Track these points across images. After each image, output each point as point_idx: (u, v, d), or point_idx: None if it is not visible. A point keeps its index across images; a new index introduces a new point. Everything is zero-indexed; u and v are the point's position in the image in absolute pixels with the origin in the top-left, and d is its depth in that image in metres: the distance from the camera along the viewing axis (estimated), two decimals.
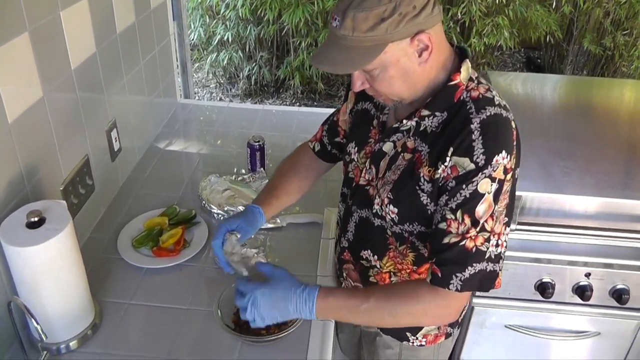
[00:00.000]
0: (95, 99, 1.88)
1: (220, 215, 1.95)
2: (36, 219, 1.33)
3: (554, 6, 5.12)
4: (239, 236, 1.53)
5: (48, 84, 1.56)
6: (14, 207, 1.40)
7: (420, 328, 1.58)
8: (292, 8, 4.61)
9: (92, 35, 1.81)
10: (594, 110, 2.58)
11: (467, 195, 1.24)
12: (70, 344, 1.46)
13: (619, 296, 2.00)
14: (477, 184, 1.23)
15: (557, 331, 2.14)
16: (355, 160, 1.51)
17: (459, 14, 4.65)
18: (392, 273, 1.50)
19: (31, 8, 1.45)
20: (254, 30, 5.06)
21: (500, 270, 1.31)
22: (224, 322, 1.49)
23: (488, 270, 1.28)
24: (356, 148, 1.52)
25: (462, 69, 1.32)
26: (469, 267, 1.26)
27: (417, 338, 1.60)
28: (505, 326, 2.14)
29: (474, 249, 1.26)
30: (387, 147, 1.41)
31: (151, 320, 1.58)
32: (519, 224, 1.97)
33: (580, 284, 2.01)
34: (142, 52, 2.26)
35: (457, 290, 1.27)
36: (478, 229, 1.25)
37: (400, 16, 1.17)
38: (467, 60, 1.35)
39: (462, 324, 2.13)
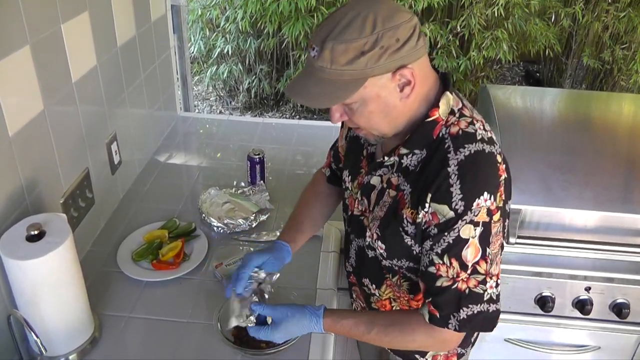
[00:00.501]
0: (96, 112, 1.89)
1: (220, 229, 1.95)
2: (36, 232, 1.33)
3: (553, 20, 5.14)
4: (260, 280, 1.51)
5: (49, 97, 1.56)
6: (14, 220, 1.40)
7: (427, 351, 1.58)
8: (292, 21, 4.62)
9: (93, 48, 1.82)
10: (593, 124, 2.58)
11: (451, 242, 1.21)
12: (70, 357, 1.46)
13: (619, 310, 1.99)
14: (459, 230, 1.20)
15: (557, 345, 2.13)
16: (350, 189, 1.50)
17: (459, 27, 4.67)
18: (391, 299, 1.49)
19: (32, 21, 1.45)
20: (254, 43, 5.07)
21: (500, 307, 1.29)
22: (224, 336, 1.49)
23: (490, 310, 1.26)
24: (350, 177, 1.50)
25: (440, 103, 1.25)
26: (464, 309, 1.24)
27: (425, 359, 1.58)
28: (505, 340, 2.13)
29: (467, 291, 1.23)
30: (375, 180, 1.38)
31: (151, 334, 1.57)
32: (519, 237, 1.97)
33: (581, 298, 2.00)
34: (143, 65, 2.26)
35: (455, 330, 1.26)
36: (469, 271, 1.22)
37: (382, 50, 1.12)
38: (447, 92, 1.27)
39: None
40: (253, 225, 1.98)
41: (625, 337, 2.08)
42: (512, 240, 1.92)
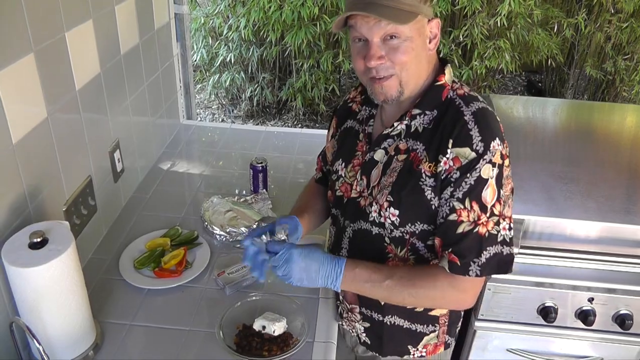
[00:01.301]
0: (99, 120, 1.89)
1: (222, 237, 1.95)
2: (39, 239, 1.33)
3: (555, 30, 5.15)
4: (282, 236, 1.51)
5: (52, 105, 1.57)
6: (17, 227, 1.41)
7: (421, 339, 1.59)
8: (294, 30, 4.64)
9: (96, 56, 1.83)
10: (595, 134, 2.58)
11: (472, 183, 1.30)
12: None
13: (622, 321, 1.98)
14: (480, 170, 1.29)
15: (559, 356, 2.12)
16: (343, 175, 1.54)
17: (461, 36, 4.68)
18: None
19: (37, 29, 1.46)
20: (257, 52, 5.09)
21: (514, 253, 1.37)
22: (226, 343, 1.49)
23: (504, 253, 1.35)
24: (343, 164, 1.55)
25: (446, 71, 1.42)
26: (484, 252, 1.32)
27: (417, 349, 1.61)
28: (508, 350, 2.12)
29: (486, 234, 1.31)
30: (379, 155, 1.45)
31: (152, 341, 1.57)
32: (522, 247, 1.96)
33: (583, 308, 1.99)
34: (146, 73, 2.27)
35: (476, 275, 1.33)
36: (488, 214, 1.31)
37: None
38: (449, 65, 1.45)
39: (464, 343, 2.12)
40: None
41: (628, 348, 2.07)
42: (514, 250, 1.91)
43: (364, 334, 1.64)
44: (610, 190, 2.08)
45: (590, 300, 1.98)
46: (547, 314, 1.99)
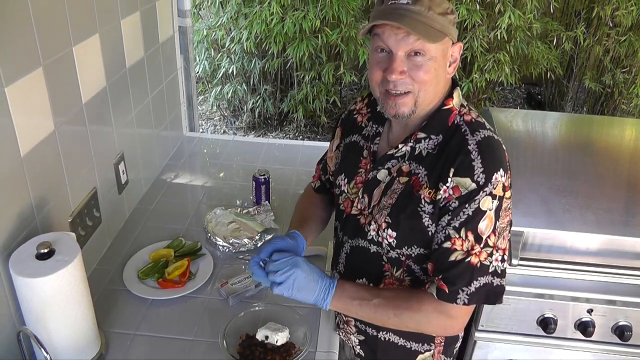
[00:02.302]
0: (104, 132, 1.92)
1: (225, 248, 1.97)
2: (46, 250, 1.35)
3: (554, 43, 5.19)
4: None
5: (59, 118, 1.59)
6: (24, 238, 1.43)
7: (415, 357, 1.59)
8: (296, 42, 4.67)
9: (102, 70, 1.86)
10: (594, 148, 2.61)
11: (470, 214, 1.29)
12: None
13: (622, 333, 2.00)
14: (479, 201, 1.29)
15: None
16: (346, 191, 1.54)
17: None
18: None
19: (45, 44, 1.49)
20: (259, 64, 5.12)
21: (505, 285, 1.37)
22: (229, 353, 1.51)
23: (495, 284, 1.34)
24: (346, 179, 1.55)
25: (454, 95, 1.41)
26: (475, 282, 1.32)
27: None
28: None
29: (478, 264, 1.31)
30: (382, 174, 1.45)
31: (156, 351, 1.59)
32: (521, 259, 1.98)
33: (583, 320, 2.01)
34: (150, 86, 2.30)
35: (464, 304, 1.33)
36: (482, 244, 1.30)
37: (454, 18, 1.32)
38: (458, 87, 1.43)
39: (464, 354, 2.14)
40: (258, 245, 2.00)
41: (627, 359, 2.09)
42: (514, 262, 1.93)
43: (359, 347, 1.65)
44: (609, 203, 2.10)
45: (590, 311, 2.00)
46: (546, 325, 2.00)
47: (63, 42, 1.60)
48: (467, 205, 1.29)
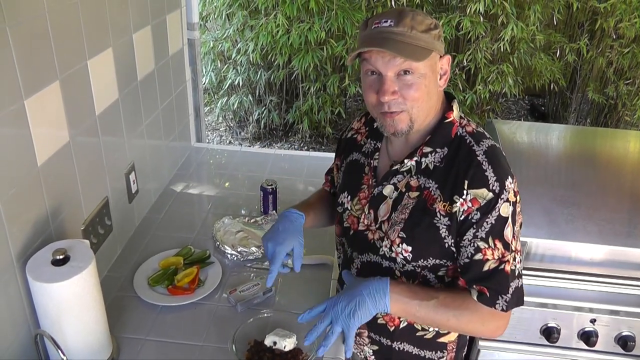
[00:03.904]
0: (116, 143, 1.96)
1: (233, 256, 2.01)
2: (61, 256, 1.39)
3: (557, 55, 5.22)
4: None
5: (74, 129, 1.64)
6: (39, 245, 1.47)
7: None
8: (301, 53, 4.71)
9: (115, 83, 1.90)
10: (597, 160, 2.63)
11: (493, 222, 1.33)
12: None
13: (625, 343, 2.01)
14: (499, 209, 1.33)
15: None
16: (349, 208, 1.56)
17: (465, 61, 4.75)
18: None
19: (62, 58, 1.54)
20: (264, 75, 5.16)
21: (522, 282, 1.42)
22: (238, 358, 1.54)
23: (520, 285, 1.39)
24: (349, 197, 1.57)
25: (454, 107, 1.45)
26: (510, 288, 1.36)
27: None
28: None
29: (510, 271, 1.36)
30: (388, 190, 1.47)
31: (166, 356, 1.62)
32: (525, 269, 2.01)
33: (586, 329, 2.03)
34: (160, 98, 2.34)
35: (502, 310, 1.36)
36: (510, 251, 1.35)
37: (439, 32, 1.35)
38: (455, 100, 1.47)
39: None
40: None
41: None
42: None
43: (372, 357, 1.67)
44: (612, 214, 2.12)
45: (593, 321, 2.02)
46: (549, 334, 2.02)
47: (79, 56, 1.65)
48: (489, 215, 1.33)
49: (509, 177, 1.36)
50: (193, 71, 3.10)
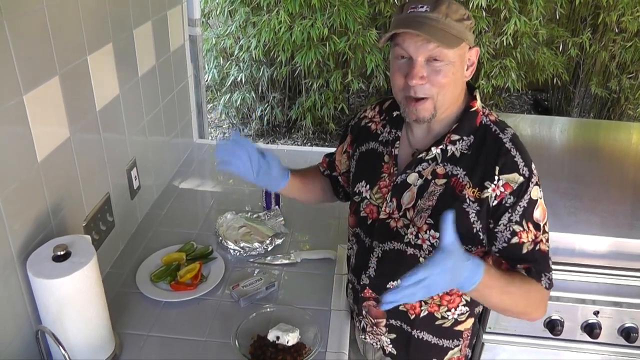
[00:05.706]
0: (117, 139, 1.96)
1: (236, 252, 2.00)
2: (62, 252, 1.39)
3: (560, 49, 5.21)
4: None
5: (75, 125, 1.64)
6: (40, 241, 1.47)
7: (446, 353, 1.63)
8: (304, 50, 4.71)
9: (116, 78, 1.90)
10: (600, 152, 2.62)
11: (525, 205, 1.37)
12: None
13: (628, 335, 2.01)
14: (530, 192, 1.37)
15: None
16: (368, 197, 1.56)
17: None
18: (422, 301, 1.54)
19: (61, 53, 1.53)
20: (267, 72, 5.16)
21: None
22: (242, 353, 1.54)
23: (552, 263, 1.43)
24: (367, 186, 1.56)
25: (477, 97, 1.48)
26: (548, 266, 1.41)
27: None
28: None
29: (545, 250, 1.41)
30: (412, 177, 1.47)
31: (169, 352, 1.62)
32: None
33: (589, 321, 2.02)
34: (162, 94, 2.34)
35: (545, 287, 1.40)
36: (541, 231, 1.39)
37: (471, 24, 1.38)
38: (477, 90, 1.51)
39: (472, 356, 2.15)
40: (269, 249, 2.03)
41: None
42: None
43: (390, 346, 1.67)
44: (615, 206, 2.11)
45: (596, 313, 2.01)
46: (553, 327, 2.02)
47: (78, 51, 1.64)
48: (522, 199, 1.37)
49: (532, 163, 1.41)
50: (195, 67, 3.09)
